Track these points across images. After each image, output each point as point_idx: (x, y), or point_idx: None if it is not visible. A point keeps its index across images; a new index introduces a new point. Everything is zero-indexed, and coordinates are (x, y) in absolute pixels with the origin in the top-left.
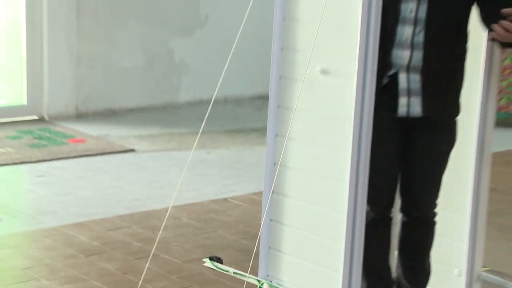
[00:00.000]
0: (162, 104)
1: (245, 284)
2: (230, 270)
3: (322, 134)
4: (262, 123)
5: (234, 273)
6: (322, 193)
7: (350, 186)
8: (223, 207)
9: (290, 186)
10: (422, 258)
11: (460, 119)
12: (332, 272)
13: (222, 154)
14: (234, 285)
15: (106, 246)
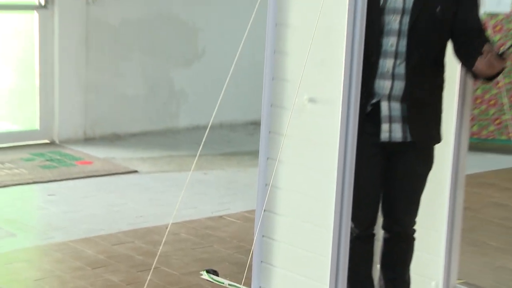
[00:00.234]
0: (163, 129)
1: None
2: (226, 282)
3: (309, 157)
4: (255, 147)
5: (229, 284)
6: (310, 211)
7: (335, 205)
8: (219, 224)
9: (281, 205)
10: (402, 271)
11: (436, 144)
12: (319, 284)
13: (218, 175)
14: None
15: (111, 259)
